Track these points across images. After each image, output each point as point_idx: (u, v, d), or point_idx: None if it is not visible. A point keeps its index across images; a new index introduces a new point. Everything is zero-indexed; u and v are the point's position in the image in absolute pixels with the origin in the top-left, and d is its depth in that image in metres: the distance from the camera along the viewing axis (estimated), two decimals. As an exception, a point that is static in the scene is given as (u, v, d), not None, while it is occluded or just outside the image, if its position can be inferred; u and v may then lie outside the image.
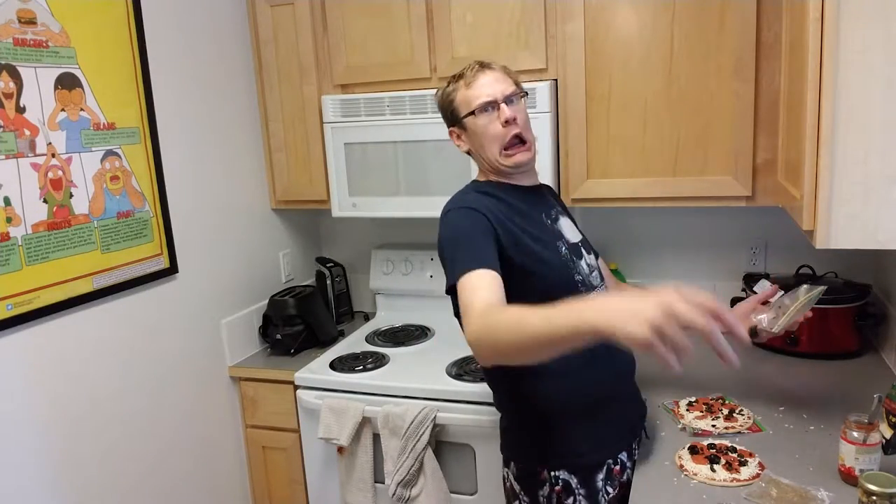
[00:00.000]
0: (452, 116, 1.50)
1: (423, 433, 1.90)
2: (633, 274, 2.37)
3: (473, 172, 1.57)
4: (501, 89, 1.43)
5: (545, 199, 1.56)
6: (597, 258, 1.61)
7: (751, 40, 1.81)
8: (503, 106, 1.42)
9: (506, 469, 1.53)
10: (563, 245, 1.47)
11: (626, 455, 1.46)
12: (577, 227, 1.60)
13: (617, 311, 0.94)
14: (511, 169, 1.46)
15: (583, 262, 1.50)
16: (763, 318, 1.55)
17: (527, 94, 1.50)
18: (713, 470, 1.37)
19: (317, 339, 2.38)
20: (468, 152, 1.52)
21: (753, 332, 1.55)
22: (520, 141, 1.44)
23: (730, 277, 2.26)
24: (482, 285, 1.24)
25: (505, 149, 1.44)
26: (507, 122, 1.41)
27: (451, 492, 1.97)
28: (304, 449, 2.22)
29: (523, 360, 1.18)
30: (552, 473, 1.41)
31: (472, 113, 1.43)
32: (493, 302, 1.20)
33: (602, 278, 1.56)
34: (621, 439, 1.47)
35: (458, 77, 1.49)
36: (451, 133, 1.54)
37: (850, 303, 1.92)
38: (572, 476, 1.41)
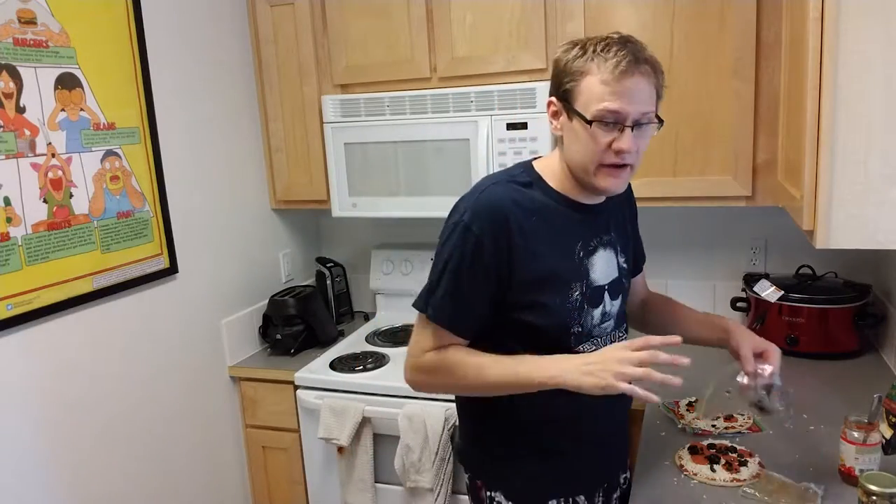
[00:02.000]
0: (563, 93, 1.17)
1: (444, 434, 1.91)
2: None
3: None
4: (639, 109, 1.13)
5: (594, 225, 1.28)
6: (630, 274, 1.42)
7: (751, 40, 1.81)
8: (627, 132, 1.12)
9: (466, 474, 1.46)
10: (579, 288, 1.24)
11: (584, 498, 1.35)
12: (627, 253, 1.37)
13: (565, 368, 1.15)
14: (600, 191, 1.21)
15: (597, 311, 1.28)
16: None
17: (662, 121, 1.19)
18: (713, 470, 1.37)
19: (317, 339, 2.38)
20: (560, 139, 1.23)
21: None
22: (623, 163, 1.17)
23: (730, 277, 2.26)
24: (435, 348, 1.25)
25: (603, 165, 1.16)
26: (619, 152, 1.14)
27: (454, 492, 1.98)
28: (304, 449, 2.22)
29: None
30: (489, 493, 1.35)
31: (589, 122, 1.13)
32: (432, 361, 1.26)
33: (619, 323, 1.35)
34: (576, 483, 1.34)
35: (600, 48, 1.12)
36: (549, 103, 1.21)
37: (850, 303, 1.92)
38: (509, 502, 1.34)
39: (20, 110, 1.59)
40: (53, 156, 1.67)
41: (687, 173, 1.95)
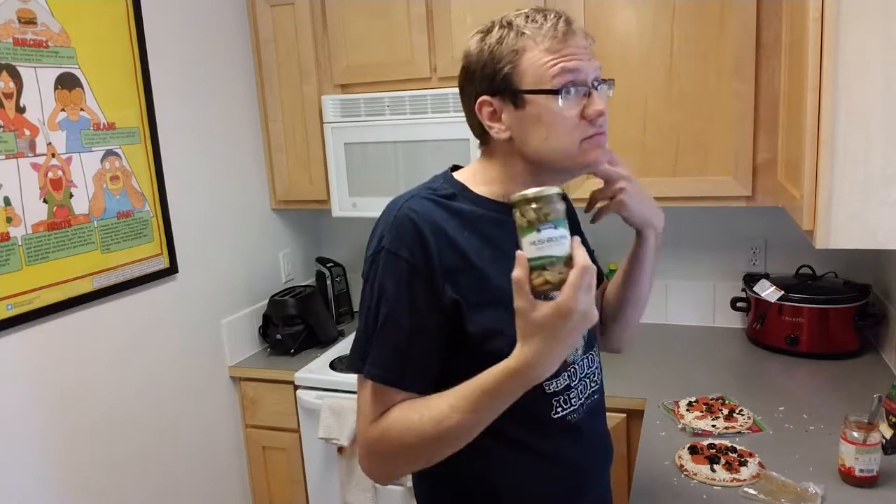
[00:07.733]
0: (501, 82, 0.99)
1: None
2: (633, 274, 2.37)
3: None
4: (594, 65, 1.01)
5: None
6: (601, 282, 1.25)
7: (751, 40, 1.81)
8: (595, 93, 0.99)
9: None
10: None
11: None
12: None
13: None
14: (584, 170, 1.04)
15: None
16: None
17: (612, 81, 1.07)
18: (713, 470, 1.37)
19: (317, 339, 2.38)
20: (508, 140, 1.02)
21: None
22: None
23: (730, 277, 2.26)
24: (380, 415, 0.96)
25: (584, 139, 0.99)
26: (599, 115, 0.99)
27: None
28: (304, 449, 2.22)
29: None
30: None
31: (556, 92, 0.96)
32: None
33: (590, 343, 1.12)
34: None
35: (526, 21, 1.00)
36: (480, 105, 1.01)
37: (850, 303, 1.92)
38: None
39: (20, 110, 1.59)
40: (53, 156, 1.67)
41: (687, 173, 1.95)
